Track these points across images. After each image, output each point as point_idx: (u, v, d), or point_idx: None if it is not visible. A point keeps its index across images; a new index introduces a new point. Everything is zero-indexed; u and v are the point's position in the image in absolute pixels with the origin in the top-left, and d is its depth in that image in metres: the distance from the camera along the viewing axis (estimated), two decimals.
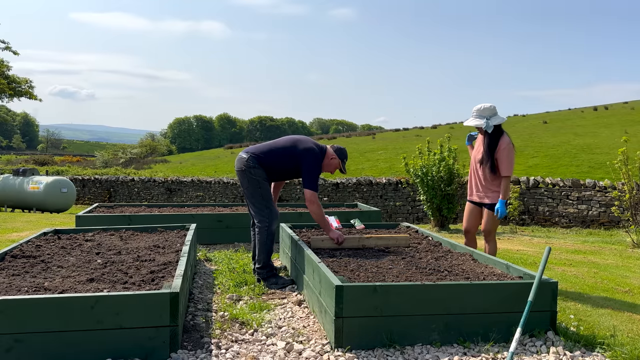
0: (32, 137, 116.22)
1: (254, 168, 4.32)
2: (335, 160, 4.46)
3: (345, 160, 4.54)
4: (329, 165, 4.46)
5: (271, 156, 4.36)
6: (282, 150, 4.39)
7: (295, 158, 4.33)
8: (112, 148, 65.25)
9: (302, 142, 4.41)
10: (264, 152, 4.38)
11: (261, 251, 4.37)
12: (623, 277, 5.14)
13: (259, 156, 4.35)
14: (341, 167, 4.51)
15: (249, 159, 4.33)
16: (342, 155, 4.51)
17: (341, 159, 4.49)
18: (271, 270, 4.42)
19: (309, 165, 4.29)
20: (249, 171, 4.32)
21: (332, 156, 4.46)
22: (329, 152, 4.47)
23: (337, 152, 4.49)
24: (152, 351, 2.72)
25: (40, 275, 3.32)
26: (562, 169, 20.50)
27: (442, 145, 10.22)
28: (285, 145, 4.41)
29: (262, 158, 4.34)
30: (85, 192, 20.23)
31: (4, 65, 26.69)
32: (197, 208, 7.60)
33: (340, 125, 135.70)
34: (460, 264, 3.98)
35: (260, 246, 4.37)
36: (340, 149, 4.54)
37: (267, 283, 4.35)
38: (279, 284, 4.34)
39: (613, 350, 2.97)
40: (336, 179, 15.54)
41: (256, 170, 4.32)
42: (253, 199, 4.38)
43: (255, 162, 4.32)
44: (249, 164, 4.32)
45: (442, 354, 2.95)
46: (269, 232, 4.35)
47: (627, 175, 7.83)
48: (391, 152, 30.26)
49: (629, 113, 45.54)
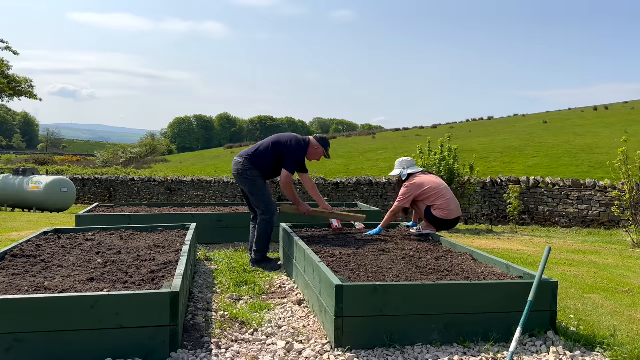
0: (32, 136, 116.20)
1: (249, 170, 4.87)
2: (320, 149, 5.02)
3: (327, 147, 5.09)
4: (315, 153, 5.03)
5: (261, 157, 4.90)
6: (268, 147, 4.92)
7: (280, 150, 4.88)
8: (112, 148, 65.25)
9: (284, 137, 5.01)
10: (254, 154, 4.93)
11: (259, 239, 4.93)
12: (623, 277, 5.14)
13: (253, 159, 4.90)
14: (325, 154, 5.07)
15: (244, 162, 4.89)
16: (325, 143, 5.07)
17: (324, 147, 5.04)
18: (264, 256, 5.02)
19: (291, 151, 4.86)
20: (245, 173, 4.88)
21: (316, 146, 5.01)
22: (312, 142, 5.03)
23: (320, 142, 5.04)
24: (152, 351, 2.72)
25: (40, 275, 3.31)
26: (562, 169, 20.50)
27: (442, 145, 10.21)
28: (269, 143, 4.96)
29: (254, 160, 4.89)
30: (85, 192, 20.23)
31: (4, 65, 26.66)
32: (197, 208, 7.60)
33: (340, 125, 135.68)
34: (460, 263, 3.98)
35: (259, 235, 4.92)
36: (323, 139, 5.10)
37: (258, 265, 4.97)
38: (267, 268, 4.93)
39: (613, 350, 2.97)
40: (336, 179, 15.53)
41: (251, 172, 4.87)
42: (254, 196, 4.93)
43: (249, 164, 4.88)
44: (245, 166, 4.88)
45: (442, 353, 2.95)
46: (269, 225, 4.90)
47: (627, 175, 7.83)
48: (391, 151, 30.25)
49: (629, 113, 45.53)
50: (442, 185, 5.00)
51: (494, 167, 22.81)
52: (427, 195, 4.88)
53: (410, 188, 4.95)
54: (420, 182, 4.95)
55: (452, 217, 4.90)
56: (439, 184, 4.99)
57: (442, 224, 4.95)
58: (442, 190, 4.91)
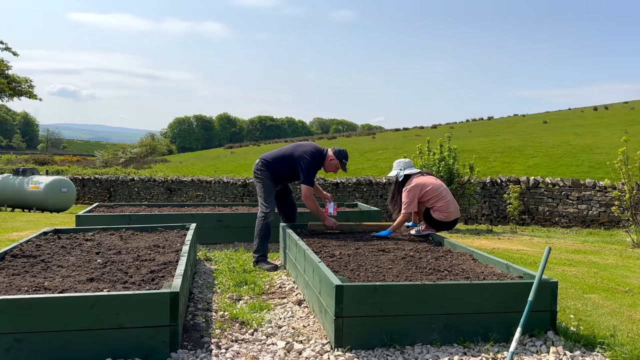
0: (32, 136, 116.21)
1: (261, 171, 5.19)
2: (334, 161, 5.11)
3: (344, 160, 5.15)
4: (329, 165, 5.14)
5: (276, 161, 5.18)
6: (285, 154, 5.18)
7: (294, 160, 5.08)
8: (112, 148, 65.26)
9: (302, 146, 5.18)
10: (273, 158, 5.22)
11: (256, 237, 5.15)
12: (623, 277, 5.14)
13: (268, 161, 5.21)
14: (341, 166, 5.13)
15: (259, 163, 5.23)
16: (341, 156, 5.14)
17: (339, 160, 5.12)
18: (261, 255, 5.14)
19: (304, 163, 5.03)
20: (257, 173, 5.22)
21: (331, 157, 5.12)
22: (328, 154, 5.15)
23: (335, 154, 5.13)
24: (152, 351, 2.72)
25: (40, 275, 3.31)
26: (562, 169, 20.50)
27: (442, 145, 10.22)
28: (288, 151, 5.20)
29: (270, 163, 5.19)
30: (85, 192, 20.23)
31: (3, 65, 26.66)
32: (197, 208, 7.60)
33: (340, 125, 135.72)
34: (460, 263, 3.98)
35: (256, 234, 5.15)
36: (340, 151, 5.17)
37: (256, 264, 5.10)
38: (264, 268, 5.01)
39: (613, 350, 2.96)
40: (336, 179, 15.54)
41: (263, 172, 5.18)
42: (258, 193, 5.25)
43: (263, 166, 5.20)
44: (258, 167, 5.23)
45: (442, 353, 2.95)
46: (264, 223, 5.12)
47: (627, 175, 7.84)
48: (391, 151, 30.25)
49: (629, 113, 45.56)
50: (442, 186, 4.96)
51: (493, 167, 22.81)
52: (428, 198, 4.85)
53: (411, 190, 4.87)
54: (422, 183, 4.89)
55: (451, 219, 4.89)
56: (439, 185, 4.95)
57: (441, 226, 4.94)
58: (442, 191, 4.88)
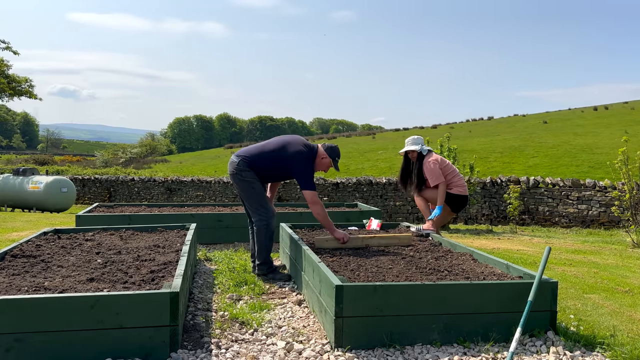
0: (32, 136, 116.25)
1: (244, 171, 4.38)
2: (327, 159, 4.45)
3: (337, 158, 4.51)
4: (321, 164, 4.46)
5: (261, 159, 4.40)
6: (271, 153, 4.41)
7: (285, 160, 4.36)
8: (112, 148, 65.31)
9: (291, 144, 4.40)
10: (254, 155, 4.43)
11: (261, 249, 4.49)
12: (623, 277, 5.13)
13: (249, 159, 4.40)
14: (333, 165, 4.49)
15: (240, 163, 4.40)
16: (334, 153, 4.49)
17: (332, 158, 4.47)
18: (270, 267, 4.57)
19: (300, 167, 4.32)
20: (240, 174, 4.39)
21: (323, 155, 4.45)
22: (320, 151, 4.46)
23: (327, 151, 4.47)
24: (152, 351, 2.72)
25: (40, 275, 3.31)
26: (562, 169, 20.50)
27: (442, 145, 10.21)
28: (275, 148, 4.43)
29: (253, 161, 4.39)
30: (85, 192, 20.23)
31: (3, 65, 26.65)
32: (197, 208, 7.60)
33: (340, 125, 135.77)
34: (460, 263, 3.98)
35: (260, 245, 4.48)
36: (332, 148, 4.51)
37: (266, 278, 4.52)
38: (277, 279, 4.52)
39: (613, 350, 2.96)
40: (336, 179, 15.53)
41: (247, 173, 4.38)
42: (249, 199, 4.47)
43: (245, 165, 4.38)
44: (240, 167, 4.39)
45: (442, 353, 2.95)
46: (268, 230, 4.44)
47: (627, 175, 7.83)
48: (391, 151, 30.24)
49: (629, 113, 45.56)
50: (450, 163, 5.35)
51: (493, 167, 22.81)
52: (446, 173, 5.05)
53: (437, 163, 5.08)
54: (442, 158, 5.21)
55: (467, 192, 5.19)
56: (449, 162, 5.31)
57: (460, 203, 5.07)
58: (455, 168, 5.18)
